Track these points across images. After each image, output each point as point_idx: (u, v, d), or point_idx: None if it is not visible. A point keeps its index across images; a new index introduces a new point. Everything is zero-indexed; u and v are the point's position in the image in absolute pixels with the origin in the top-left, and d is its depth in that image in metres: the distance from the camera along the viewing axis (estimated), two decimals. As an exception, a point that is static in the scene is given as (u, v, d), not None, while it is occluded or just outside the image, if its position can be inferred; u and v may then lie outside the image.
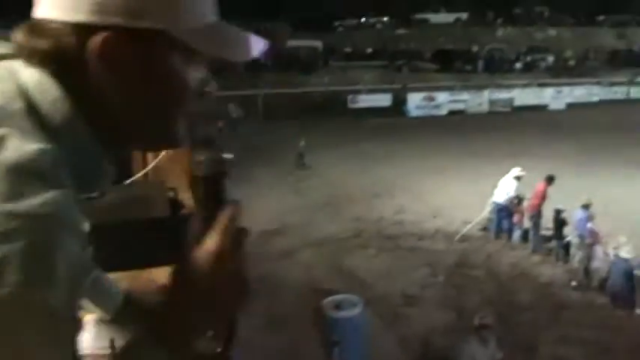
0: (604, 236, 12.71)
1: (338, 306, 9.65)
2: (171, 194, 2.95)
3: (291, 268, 12.97)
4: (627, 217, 15.47)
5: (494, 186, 15.36)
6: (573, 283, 12.44)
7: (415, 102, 37.01)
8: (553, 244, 14.05)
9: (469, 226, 15.19)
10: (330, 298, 9.82)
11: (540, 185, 14.38)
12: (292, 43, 44.79)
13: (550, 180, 14.40)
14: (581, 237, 12.89)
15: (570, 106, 39.26)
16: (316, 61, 41.47)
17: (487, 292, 11.99)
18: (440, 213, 16.68)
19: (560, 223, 13.78)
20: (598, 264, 12.43)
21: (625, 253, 11.51)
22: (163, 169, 3.43)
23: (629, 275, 11.41)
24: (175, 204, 2.89)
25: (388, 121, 33.31)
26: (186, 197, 3.09)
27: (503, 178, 15.28)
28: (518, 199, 14.87)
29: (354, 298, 9.80)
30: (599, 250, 12.50)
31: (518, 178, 14.99)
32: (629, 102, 40.51)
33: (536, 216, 14.21)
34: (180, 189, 3.14)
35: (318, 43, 44.89)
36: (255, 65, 38.54)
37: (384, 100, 36.95)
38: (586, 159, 23.59)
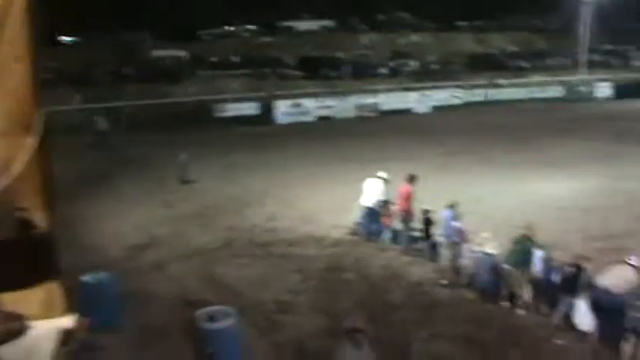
0: (470, 234, 13.08)
1: (212, 317, 9.54)
2: (21, 214, 2.84)
3: (162, 281, 12.72)
4: (492, 214, 16.07)
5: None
6: (443, 281, 12.75)
7: (283, 109, 37.14)
8: (422, 244, 14.31)
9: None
10: (203, 310, 9.70)
11: (404, 187, 14.58)
12: (157, 53, 44.03)
13: (411, 179, 14.53)
14: (447, 236, 13.25)
15: (435, 109, 40.37)
16: (181, 71, 40.89)
17: (359, 295, 12.11)
18: (311, 218, 16.70)
19: (427, 223, 14.10)
20: (465, 261, 12.81)
21: (489, 248, 11.95)
22: (15, 188, 3.29)
23: (494, 270, 11.85)
24: (26, 224, 2.79)
25: (257, 130, 33.29)
26: (39, 217, 2.98)
27: (368, 181, 15.47)
28: (385, 202, 15.07)
29: (227, 309, 9.71)
30: (465, 248, 12.87)
31: (385, 180, 15.23)
32: (487, 103, 42.06)
33: (406, 217, 14.43)
34: (32, 208, 3.03)
35: (182, 53, 44.32)
36: (119, 76, 37.72)
37: (251, 108, 36.86)
38: (450, 160, 24.22)
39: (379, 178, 15.26)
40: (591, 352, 10.02)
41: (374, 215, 15.05)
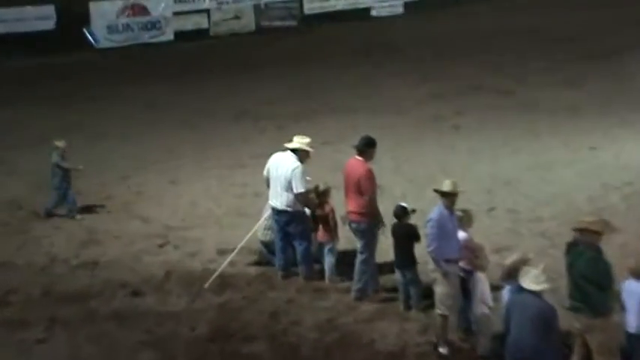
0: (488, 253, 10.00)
1: None
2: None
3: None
4: (527, 207, 13.98)
5: None
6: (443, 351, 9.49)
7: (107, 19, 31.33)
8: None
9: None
10: None
11: (355, 162, 11.00)
12: None
13: (365, 147, 11.02)
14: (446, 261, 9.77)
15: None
16: None
17: None
18: (170, 235, 13.86)
19: (404, 236, 10.71)
20: (482, 310, 9.66)
21: (534, 283, 8.29)
22: None
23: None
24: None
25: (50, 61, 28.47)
26: None
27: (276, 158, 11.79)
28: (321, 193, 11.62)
29: None
30: (482, 283, 9.66)
31: (302, 153, 11.53)
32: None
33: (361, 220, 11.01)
34: None
35: None
36: None
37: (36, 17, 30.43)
38: (447, 106, 21.00)
39: (296, 149, 11.37)
40: None
41: (296, 222, 11.41)
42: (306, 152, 11.46)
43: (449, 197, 9.59)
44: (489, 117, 19.38)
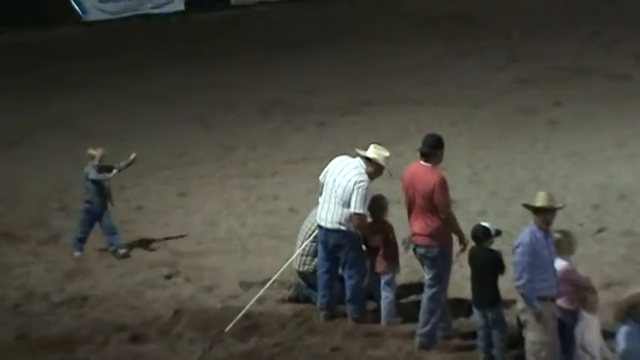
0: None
1: None
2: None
3: None
4: None
5: None
6: None
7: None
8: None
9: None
10: None
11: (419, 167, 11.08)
12: None
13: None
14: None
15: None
16: None
17: None
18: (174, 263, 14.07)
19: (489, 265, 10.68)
20: None
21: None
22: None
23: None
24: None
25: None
26: None
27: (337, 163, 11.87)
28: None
29: None
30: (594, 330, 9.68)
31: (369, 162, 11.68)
32: None
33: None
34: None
35: None
36: None
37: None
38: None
39: (369, 159, 11.52)
40: None
41: (349, 246, 11.51)
42: (380, 168, 11.59)
43: (544, 215, 9.55)
44: (597, 109, 19.30)
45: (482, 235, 10.60)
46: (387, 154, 11.64)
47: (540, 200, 9.61)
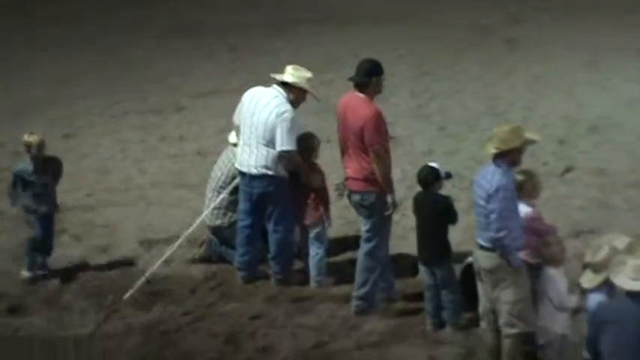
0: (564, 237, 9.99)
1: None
2: None
3: None
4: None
5: None
6: None
7: None
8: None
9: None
10: None
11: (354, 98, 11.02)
12: None
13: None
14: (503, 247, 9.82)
15: None
16: None
17: None
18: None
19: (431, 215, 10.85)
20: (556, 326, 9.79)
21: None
22: None
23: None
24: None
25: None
26: None
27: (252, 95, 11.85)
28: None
29: None
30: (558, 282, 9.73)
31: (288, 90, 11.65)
32: None
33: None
34: None
35: None
36: None
37: None
38: None
39: (288, 84, 11.48)
40: None
41: (275, 194, 11.55)
42: (303, 92, 11.57)
43: (518, 153, 9.50)
44: (563, 25, 19.46)
45: (430, 177, 10.64)
46: (308, 74, 11.60)
47: (514, 136, 9.50)
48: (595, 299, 8.94)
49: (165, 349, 10.80)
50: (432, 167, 10.73)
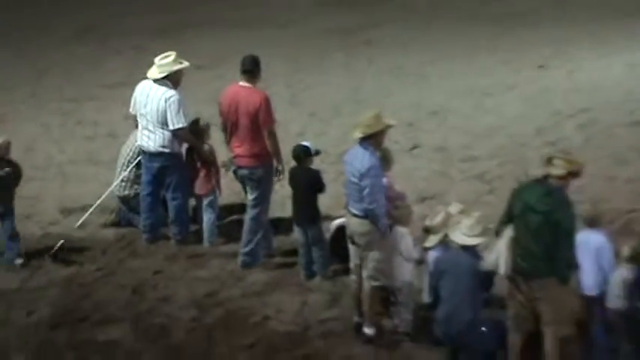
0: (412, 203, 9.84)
1: None
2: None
3: None
4: (468, 145, 14.19)
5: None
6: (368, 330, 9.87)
7: None
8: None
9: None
10: None
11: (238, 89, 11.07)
12: None
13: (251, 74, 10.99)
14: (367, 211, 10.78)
15: None
16: None
17: None
18: None
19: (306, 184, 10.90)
20: (403, 274, 9.87)
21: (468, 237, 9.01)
22: None
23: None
24: None
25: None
26: None
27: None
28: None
29: None
30: (405, 238, 9.87)
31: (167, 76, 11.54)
32: None
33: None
34: None
35: None
36: None
37: None
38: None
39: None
40: None
41: (173, 168, 11.51)
42: (179, 72, 11.41)
43: (382, 136, 9.51)
44: (412, 29, 19.61)
45: (303, 154, 10.65)
46: (172, 56, 11.40)
47: (376, 122, 9.48)
48: (433, 255, 9.23)
49: (82, 299, 10.69)
50: (304, 146, 10.75)
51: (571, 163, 8.23)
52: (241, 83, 10.82)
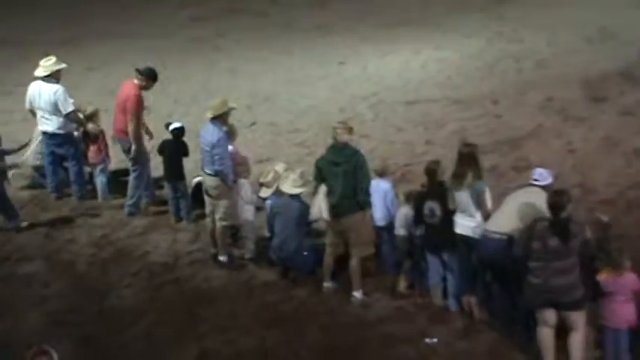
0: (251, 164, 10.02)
1: None
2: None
3: None
4: (290, 121, 12.80)
5: None
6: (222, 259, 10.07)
7: None
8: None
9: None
10: None
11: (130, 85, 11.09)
12: None
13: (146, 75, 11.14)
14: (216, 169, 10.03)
15: None
16: None
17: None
18: None
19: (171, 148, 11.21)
20: (247, 215, 10.22)
21: (289, 188, 9.54)
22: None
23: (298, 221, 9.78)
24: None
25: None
26: None
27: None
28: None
29: None
30: (246, 188, 10.15)
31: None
32: None
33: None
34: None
35: None
36: None
37: None
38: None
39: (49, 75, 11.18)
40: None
41: (68, 144, 11.50)
42: (58, 71, 11.27)
43: (224, 116, 9.64)
44: (248, 37, 19.73)
45: (174, 129, 10.79)
46: (52, 59, 11.32)
47: (223, 106, 9.64)
48: (268, 203, 9.61)
49: (5, 243, 10.72)
50: (172, 123, 10.88)
51: (347, 128, 8.75)
52: (134, 80, 10.92)
